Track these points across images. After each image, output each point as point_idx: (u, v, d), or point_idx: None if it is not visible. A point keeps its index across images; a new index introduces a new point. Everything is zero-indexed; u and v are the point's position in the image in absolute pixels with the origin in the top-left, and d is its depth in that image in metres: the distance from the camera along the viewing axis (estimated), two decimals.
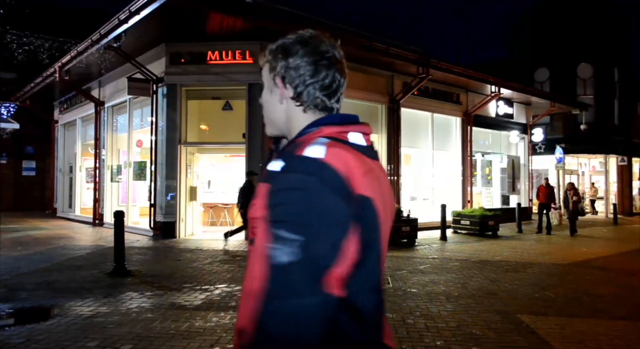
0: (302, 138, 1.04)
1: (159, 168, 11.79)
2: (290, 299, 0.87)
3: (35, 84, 16.66)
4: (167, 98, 11.62)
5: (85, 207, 16.78)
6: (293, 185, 0.93)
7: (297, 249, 0.88)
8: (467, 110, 16.15)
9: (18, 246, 10.04)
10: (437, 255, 9.64)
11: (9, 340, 4.25)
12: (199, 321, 4.84)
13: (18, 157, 20.83)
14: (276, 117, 1.16)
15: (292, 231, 0.89)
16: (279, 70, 1.11)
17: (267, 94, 1.16)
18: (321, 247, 0.89)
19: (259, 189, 1.00)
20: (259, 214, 0.96)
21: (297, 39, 1.12)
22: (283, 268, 0.88)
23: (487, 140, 17.84)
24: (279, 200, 0.93)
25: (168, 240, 11.15)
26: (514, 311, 5.44)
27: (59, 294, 5.91)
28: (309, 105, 1.11)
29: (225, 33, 10.99)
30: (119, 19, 10.55)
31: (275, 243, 0.90)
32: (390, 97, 13.85)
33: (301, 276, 0.87)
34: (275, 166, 0.98)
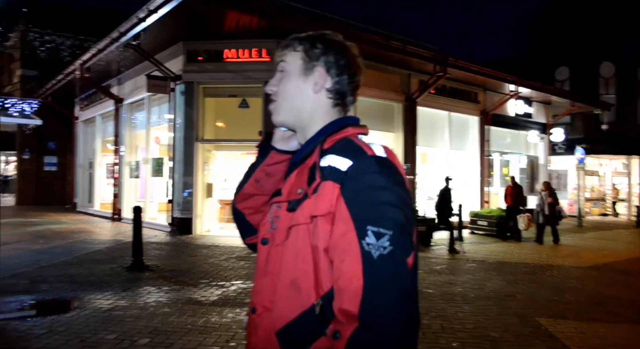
0: (336, 136, 1.10)
1: (176, 164, 11.91)
2: (390, 290, 0.92)
3: (57, 81, 16.97)
4: (184, 95, 11.72)
5: (104, 202, 17.03)
6: (377, 184, 0.98)
7: (387, 243, 0.94)
8: (485, 109, 15.97)
9: (39, 240, 10.24)
10: (454, 256, 9.56)
11: (31, 331, 4.35)
12: (215, 317, 4.88)
13: (40, 153, 21.23)
14: (302, 104, 1.17)
15: (382, 227, 0.94)
16: (322, 61, 1.15)
17: (296, 81, 1.17)
18: (406, 239, 0.96)
19: (323, 187, 1.01)
20: (323, 211, 0.99)
21: (336, 39, 1.18)
22: (380, 261, 0.93)
23: (505, 139, 17.62)
24: (366, 198, 0.97)
25: (185, 235, 11.26)
26: (532, 314, 5.37)
27: (79, 287, 6.02)
28: (340, 101, 1.17)
29: (242, 31, 11.05)
30: (137, 18, 10.67)
31: (366, 238, 0.94)
32: (407, 95, 13.76)
33: (396, 266, 0.93)
34: (338, 163, 1.01)
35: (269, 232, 1.13)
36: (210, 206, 12.26)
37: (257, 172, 1.27)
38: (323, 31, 1.20)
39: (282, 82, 1.19)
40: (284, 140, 1.25)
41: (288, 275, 1.04)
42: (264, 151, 1.27)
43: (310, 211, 1.01)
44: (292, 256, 1.04)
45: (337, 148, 1.05)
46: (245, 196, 1.30)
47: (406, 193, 1.02)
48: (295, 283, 1.02)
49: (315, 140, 1.12)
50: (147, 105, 13.71)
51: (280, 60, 1.20)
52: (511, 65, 20.30)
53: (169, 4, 9.69)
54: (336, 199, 0.99)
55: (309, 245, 1.02)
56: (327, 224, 0.99)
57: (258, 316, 1.10)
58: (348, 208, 0.97)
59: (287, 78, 1.18)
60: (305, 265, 1.02)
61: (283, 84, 1.18)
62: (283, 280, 1.04)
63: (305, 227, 1.02)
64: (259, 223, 1.27)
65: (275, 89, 1.20)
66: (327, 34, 1.19)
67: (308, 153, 1.11)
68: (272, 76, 1.24)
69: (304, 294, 1.01)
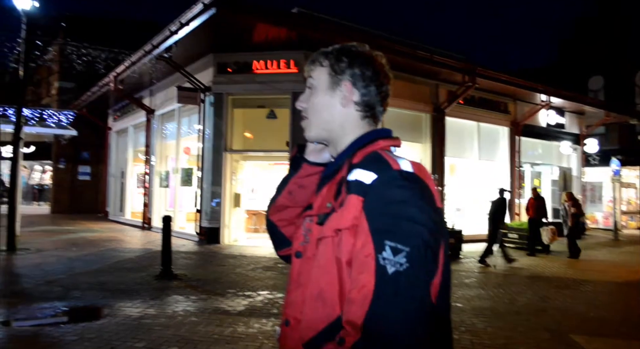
0: (366, 149, 1.09)
1: (205, 174, 12.09)
2: (399, 306, 0.90)
3: (92, 93, 17.54)
4: (213, 106, 11.92)
5: (135, 211, 17.41)
6: (398, 198, 0.97)
7: (404, 259, 0.92)
8: (515, 119, 15.68)
9: (73, 247, 10.52)
10: (483, 269, 9.35)
11: (64, 337, 4.45)
12: (242, 327, 4.89)
13: (75, 162, 21.90)
14: (332, 119, 1.17)
15: (401, 242, 0.93)
16: (348, 74, 1.15)
17: (324, 96, 1.18)
18: (428, 258, 0.94)
19: (348, 201, 1.00)
20: (347, 225, 0.99)
21: (361, 50, 1.18)
22: (394, 277, 0.91)
23: (537, 150, 17.23)
24: (386, 212, 0.96)
25: (212, 245, 11.37)
26: (566, 330, 5.19)
27: (109, 295, 6.13)
28: (369, 113, 1.17)
29: (270, 43, 11.19)
30: (170, 31, 10.96)
31: (382, 253, 0.93)
32: (435, 105, 13.65)
33: (410, 285, 0.91)
34: (363, 177, 1.01)
35: (302, 245, 1.14)
36: (237, 216, 12.37)
37: (290, 184, 1.28)
38: (349, 43, 1.20)
39: (311, 98, 1.20)
40: (316, 152, 1.26)
41: (315, 287, 1.05)
42: (296, 163, 1.28)
43: (335, 225, 1.02)
44: (319, 268, 1.05)
45: (364, 162, 1.05)
46: (278, 208, 1.31)
47: (433, 209, 1.00)
48: (321, 295, 1.03)
49: (346, 154, 1.13)
50: (177, 116, 14.00)
51: (308, 76, 1.21)
52: (542, 75, 19.89)
53: (200, 17, 9.92)
54: (360, 212, 0.98)
55: (333, 258, 1.02)
56: (351, 237, 0.99)
57: (291, 329, 1.11)
58: (368, 221, 0.97)
59: (315, 94, 1.19)
60: (330, 277, 1.02)
61: (312, 100, 1.19)
62: (310, 292, 1.05)
63: (330, 240, 1.03)
64: (292, 235, 1.28)
65: (305, 105, 1.21)
66: (353, 46, 1.19)
67: (338, 168, 1.12)
68: (300, 87, 1.25)
69: (329, 306, 1.01)
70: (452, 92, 13.61)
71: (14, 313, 5.36)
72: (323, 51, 1.20)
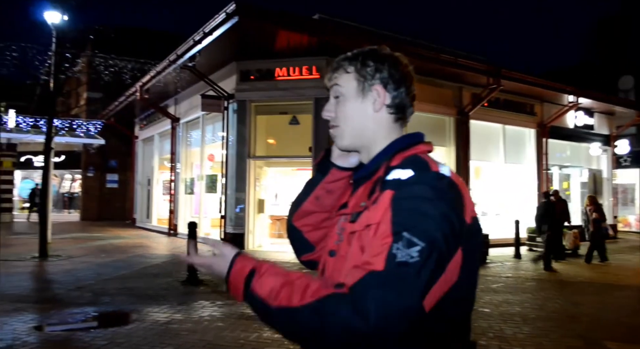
0: (407, 152, 1.09)
1: (229, 181, 12.21)
2: (391, 295, 0.89)
3: (119, 103, 17.97)
4: (237, 113, 12.06)
5: (161, 218, 17.69)
6: (427, 195, 0.97)
7: (416, 254, 0.91)
8: (542, 121, 15.37)
9: (102, 254, 10.75)
10: (511, 274, 9.17)
11: (94, 341, 4.54)
12: (267, 332, 4.91)
13: (103, 171, 22.43)
14: (365, 125, 1.16)
15: (417, 237, 0.92)
16: (378, 78, 1.14)
17: (354, 103, 1.16)
18: (435, 260, 0.93)
19: (382, 196, 1.01)
20: (377, 219, 0.99)
21: (385, 52, 1.17)
22: (398, 267, 0.91)
23: (565, 152, 16.85)
24: (411, 206, 0.96)
25: None
26: (598, 337, 5.04)
27: (137, 300, 6.24)
28: (400, 114, 1.17)
29: (292, 49, 11.27)
30: (193, 40, 11.16)
31: (399, 242, 0.93)
32: (459, 109, 13.50)
33: (411, 279, 0.90)
34: (400, 174, 1.01)
35: (336, 244, 1.14)
36: (261, 222, 12.44)
37: (318, 189, 1.27)
38: (370, 47, 1.19)
39: (339, 106, 1.18)
40: (343, 156, 1.25)
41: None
42: (323, 168, 1.27)
43: (366, 221, 1.02)
44: (348, 262, 1.05)
45: (404, 163, 1.05)
46: (304, 213, 1.30)
47: (458, 216, 0.98)
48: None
49: (383, 157, 1.12)
50: (201, 123, 14.21)
51: (333, 84, 1.19)
52: (570, 75, 19.50)
53: (223, 26, 10.08)
54: (389, 203, 0.99)
55: (360, 251, 1.02)
56: (377, 230, 0.99)
57: None
58: (392, 211, 0.97)
59: (344, 101, 1.17)
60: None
61: (341, 108, 1.17)
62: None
63: (358, 234, 1.04)
64: (317, 240, 1.28)
65: (333, 114, 1.19)
66: (375, 49, 1.18)
67: (376, 169, 1.11)
68: (322, 93, 1.25)
69: None
70: (476, 94, 13.45)
71: (46, 317, 5.50)
72: (345, 57, 1.19)
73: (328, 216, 1.26)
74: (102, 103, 20.94)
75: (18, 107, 23.68)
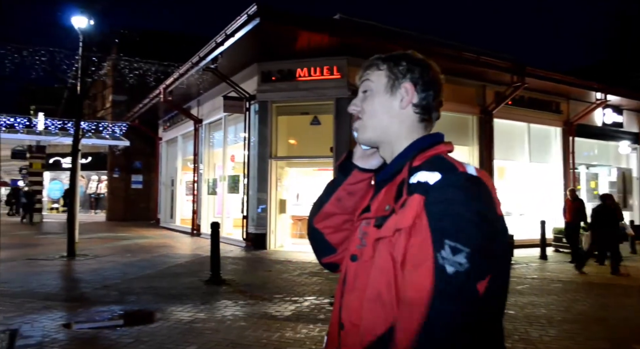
0: (428, 153, 1.09)
1: (251, 181, 12.30)
2: (457, 306, 0.90)
3: (143, 105, 18.31)
4: (258, 114, 12.14)
5: (184, 218, 17.94)
6: (460, 198, 0.96)
7: (464, 260, 0.91)
8: (568, 119, 15.04)
9: (127, 254, 10.96)
10: (536, 275, 9.00)
11: (120, 339, 4.63)
12: (289, 332, 4.93)
13: (128, 172, 22.87)
14: (390, 121, 1.16)
15: (461, 242, 0.92)
16: (408, 77, 1.15)
17: (382, 98, 1.17)
18: (483, 261, 0.93)
19: (410, 201, 1.00)
20: (407, 224, 0.98)
21: (418, 57, 1.19)
22: (454, 277, 0.91)
23: (593, 151, 16.44)
24: (446, 210, 0.95)
25: (259, 251, 11.54)
26: (627, 340, 4.90)
27: (161, 299, 6.34)
28: (426, 116, 1.17)
29: (313, 50, 11.29)
30: (215, 42, 11.29)
31: (441, 251, 0.92)
32: (482, 107, 13.31)
33: (467, 286, 0.90)
34: (427, 178, 1.00)
35: (358, 248, 1.13)
36: (283, 222, 12.50)
37: (339, 191, 1.27)
38: (405, 51, 1.21)
39: (367, 100, 1.19)
40: (364, 158, 1.24)
41: (373, 289, 1.04)
42: (345, 170, 1.27)
43: (394, 225, 1.01)
44: (377, 271, 1.04)
45: (428, 165, 1.04)
46: (325, 215, 1.29)
47: (494, 214, 0.99)
48: (379, 297, 1.02)
49: (405, 157, 1.12)
50: (224, 124, 14.35)
51: (364, 79, 1.20)
52: (597, 72, 19.02)
53: (244, 27, 10.17)
54: (420, 211, 0.98)
55: (390, 259, 1.01)
56: (407, 235, 0.99)
57: (346, 333, 1.10)
58: (428, 219, 0.96)
59: (372, 96, 1.18)
60: (388, 278, 1.01)
61: (368, 102, 1.18)
62: (369, 295, 1.04)
63: (387, 240, 1.03)
64: (339, 242, 1.27)
65: (359, 108, 1.20)
66: (410, 53, 1.20)
67: (397, 170, 1.11)
68: (344, 92, 1.26)
69: (388, 308, 1.00)
70: (500, 93, 13.24)
71: (74, 315, 5.63)
72: (379, 56, 1.21)
73: (349, 218, 1.25)
74: (127, 105, 21.39)
75: (47, 110, 24.35)
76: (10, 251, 10.93)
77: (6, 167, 35.24)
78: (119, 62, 12.89)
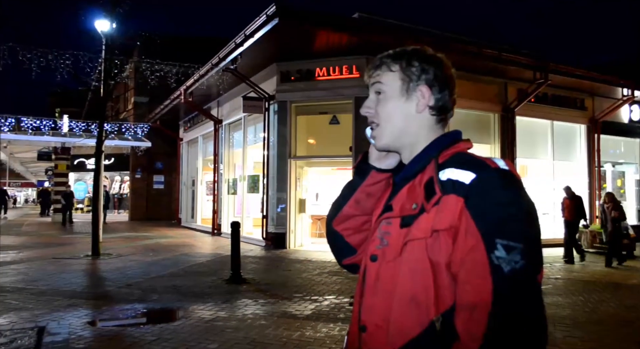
0: (449, 151, 1.08)
1: (270, 181, 12.37)
2: (521, 304, 0.91)
3: (164, 106, 18.57)
4: (277, 114, 12.19)
5: (205, 218, 18.14)
6: (504, 197, 0.97)
7: (519, 256, 0.92)
8: (593, 116, 14.71)
9: (150, 253, 11.13)
10: (560, 275, 8.83)
11: (144, 337, 4.71)
12: (309, 331, 4.93)
13: (150, 172, 23.22)
14: (407, 125, 1.14)
15: (513, 240, 0.92)
16: (423, 79, 1.13)
17: (397, 102, 1.14)
18: (538, 253, 0.96)
19: (445, 201, 0.99)
20: (445, 225, 0.98)
21: (430, 53, 1.16)
22: (512, 276, 0.91)
23: (619, 148, 16.05)
24: (490, 209, 0.95)
25: (279, 250, 11.59)
26: None
27: (183, 298, 6.42)
28: (443, 116, 1.15)
29: (332, 49, 11.28)
30: (235, 43, 11.38)
31: (494, 252, 0.93)
32: (504, 105, 13.11)
33: (528, 281, 0.92)
34: (460, 177, 0.99)
35: (378, 249, 1.11)
36: (302, 221, 12.52)
37: (358, 193, 1.25)
38: (414, 47, 1.17)
39: (381, 105, 1.16)
40: (381, 158, 1.23)
41: (406, 291, 1.02)
42: (362, 171, 1.25)
43: (430, 226, 1.00)
44: (410, 272, 1.02)
45: (455, 162, 1.03)
46: (344, 218, 1.28)
47: (532, 205, 0.99)
48: (414, 299, 1.00)
49: (426, 156, 1.11)
50: (243, 125, 14.45)
51: (375, 81, 1.17)
52: (624, 67, 18.54)
53: (263, 28, 10.22)
54: (460, 213, 0.97)
55: (427, 260, 1.00)
56: (449, 238, 0.98)
57: (369, 335, 1.08)
58: (475, 222, 0.95)
59: (386, 100, 1.15)
60: (425, 281, 1.00)
61: (383, 107, 1.16)
62: (400, 297, 1.02)
63: (422, 242, 1.01)
64: (359, 243, 1.26)
65: (372, 111, 1.17)
66: (420, 49, 1.16)
67: (420, 169, 1.10)
68: (363, 92, 1.24)
69: (423, 310, 0.99)
70: (522, 90, 13.02)
71: (99, 313, 5.74)
72: (389, 55, 1.17)
73: (369, 219, 1.24)
74: (148, 107, 21.73)
75: (71, 113, 24.88)
76: (38, 251, 11.22)
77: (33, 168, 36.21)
78: (141, 64, 13.10)
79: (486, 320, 0.90)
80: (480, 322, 0.91)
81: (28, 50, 10.89)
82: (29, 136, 20.40)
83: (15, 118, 20.09)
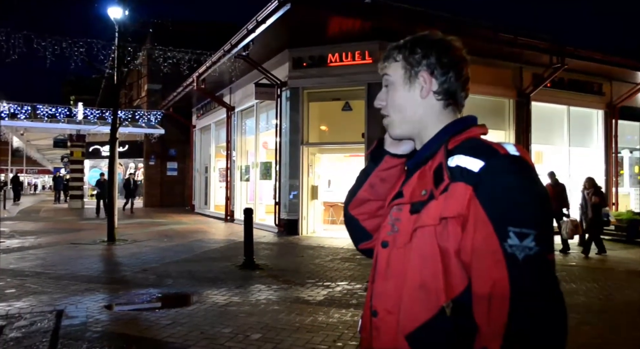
0: (461, 136, 1.07)
1: (282, 168, 12.39)
2: (538, 290, 0.91)
3: (177, 93, 18.63)
4: (290, 101, 12.16)
5: (218, 204, 18.29)
6: (514, 184, 0.96)
7: (533, 243, 0.92)
8: (611, 101, 14.42)
9: (164, 239, 11.27)
10: (575, 262, 8.76)
11: (159, 321, 4.79)
12: (322, 316, 4.98)
13: (163, 159, 23.41)
14: (414, 113, 1.14)
15: (525, 227, 0.92)
16: (424, 65, 1.12)
17: (402, 91, 1.15)
18: (550, 236, 0.96)
19: (454, 188, 0.99)
20: (454, 213, 0.97)
21: (435, 38, 1.15)
22: (527, 263, 0.91)
23: (637, 134, 15.74)
24: (501, 196, 0.95)
25: (291, 236, 11.65)
26: None
27: (197, 283, 6.51)
28: (450, 100, 1.13)
29: (345, 35, 11.17)
30: (247, 29, 11.32)
31: (507, 240, 0.92)
32: (519, 90, 12.91)
33: (542, 265, 0.92)
34: (469, 164, 0.99)
35: (389, 235, 1.12)
36: (315, 208, 12.56)
37: (372, 177, 1.27)
38: (421, 33, 1.16)
39: (389, 95, 1.17)
40: (395, 144, 1.23)
41: (416, 277, 1.02)
42: (377, 156, 1.27)
43: (439, 213, 1.00)
44: (419, 258, 1.02)
45: (465, 148, 1.02)
46: (359, 202, 1.30)
47: (544, 190, 0.99)
48: (424, 285, 1.01)
49: (437, 142, 1.10)
50: (255, 111, 14.45)
51: (383, 73, 1.19)
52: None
53: (275, 14, 10.14)
54: (469, 201, 0.96)
55: (436, 247, 1.00)
56: (458, 226, 0.97)
57: (380, 320, 1.09)
58: (485, 210, 0.94)
59: (393, 90, 1.17)
60: (434, 267, 1.00)
61: (391, 97, 1.17)
62: (411, 283, 1.03)
63: (432, 229, 1.01)
64: (374, 228, 1.26)
65: (384, 103, 1.19)
66: (425, 35, 1.15)
67: (431, 155, 1.09)
68: (375, 77, 1.23)
69: (433, 296, 0.99)
70: (538, 74, 12.78)
71: (115, 297, 5.86)
72: (395, 45, 1.18)
73: (383, 205, 1.24)
74: (161, 94, 21.82)
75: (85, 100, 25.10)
76: (55, 236, 11.44)
77: (49, 155, 36.74)
78: (153, 51, 13.13)
79: (506, 310, 0.90)
80: (500, 312, 0.91)
81: (42, 38, 10.97)
82: (44, 123, 20.66)
83: (31, 105, 20.35)
